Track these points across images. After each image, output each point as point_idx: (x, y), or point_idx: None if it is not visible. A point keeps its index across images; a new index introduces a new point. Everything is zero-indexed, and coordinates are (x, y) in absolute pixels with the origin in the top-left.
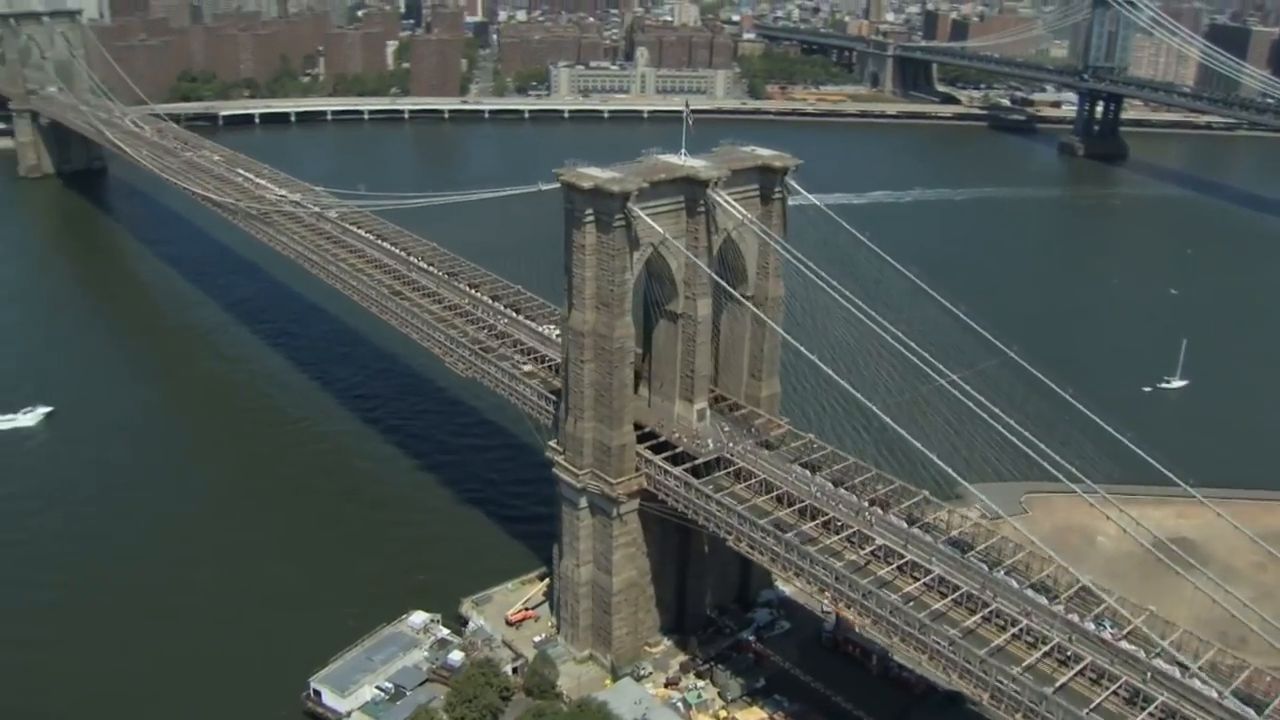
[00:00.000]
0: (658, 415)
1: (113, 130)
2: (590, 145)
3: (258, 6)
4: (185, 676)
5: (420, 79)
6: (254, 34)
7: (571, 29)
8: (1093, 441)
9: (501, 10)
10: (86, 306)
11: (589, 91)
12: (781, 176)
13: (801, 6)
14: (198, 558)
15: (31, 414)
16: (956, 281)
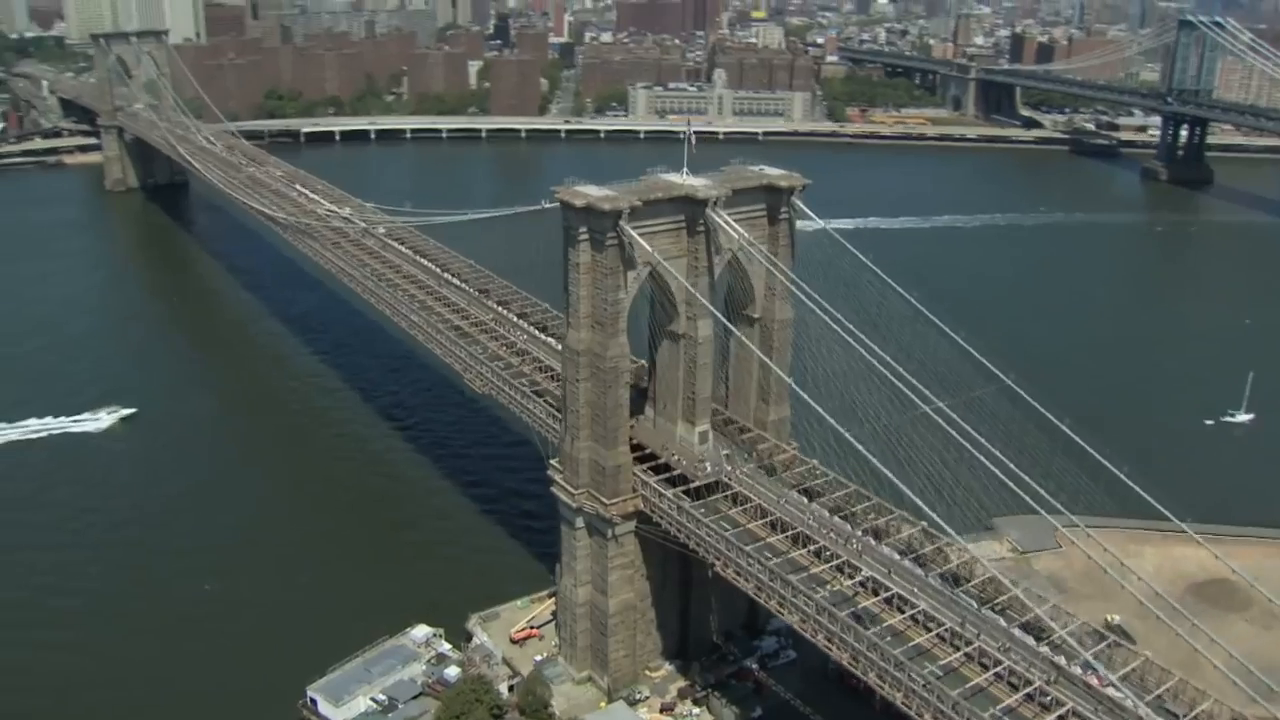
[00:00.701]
0: (662, 437)
1: (185, 146)
2: (653, 163)
3: (349, 27)
4: (190, 678)
5: (500, 98)
6: (339, 53)
7: (653, 50)
8: (1133, 475)
9: (588, 32)
10: (162, 314)
11: (666, 112)
12: (788, 197)
13: (890, 29)
14: (222, 563)
15: (113, 415)
16: (1008, 307)
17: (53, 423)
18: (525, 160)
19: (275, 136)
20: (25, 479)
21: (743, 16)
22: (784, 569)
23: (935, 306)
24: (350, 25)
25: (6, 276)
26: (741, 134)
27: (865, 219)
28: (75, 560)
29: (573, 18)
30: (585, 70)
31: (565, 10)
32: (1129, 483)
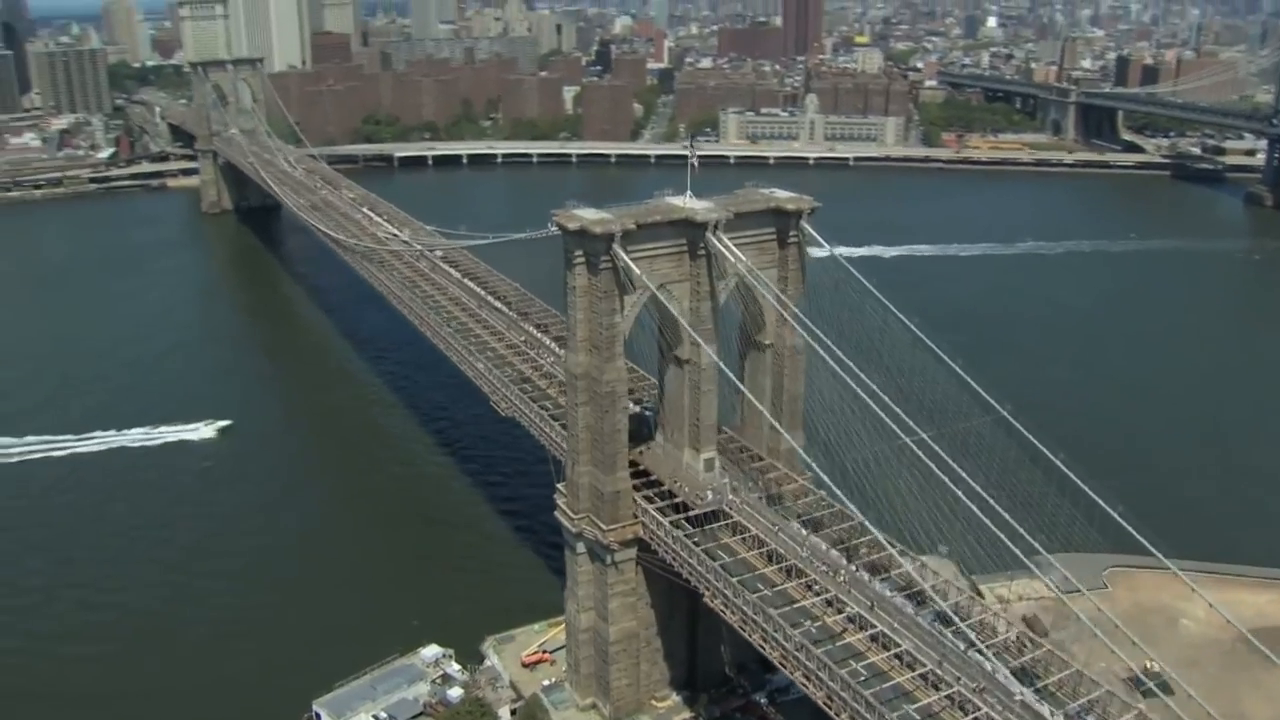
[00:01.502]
0: (670, 464)
1: (267, 170)
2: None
3: (450, 54)
4: (203, 688)
5: (592, 124)
6: (436, 79)
7: (748, 76)
8: (1198, 514)
9: (689, 58)
10: (251, 331)
11: (757, 138)
12: (796, 220)
13: (995, 54)
14: (263, 574)
15: (212, 426)
16: (1076, 335)
17: (163, 430)
18: (609, 185)
19: (369, 161)
20: (109, 488)
21: (846, 41)
22: (774, 602)
23: (991, 331)
24: (451, 52)
25: (108, 293)
26: (832, 159)
27: (946, 245)
28: (125, 562)
29: (675, 44)
30: (680, 95)
31: (666, 36)
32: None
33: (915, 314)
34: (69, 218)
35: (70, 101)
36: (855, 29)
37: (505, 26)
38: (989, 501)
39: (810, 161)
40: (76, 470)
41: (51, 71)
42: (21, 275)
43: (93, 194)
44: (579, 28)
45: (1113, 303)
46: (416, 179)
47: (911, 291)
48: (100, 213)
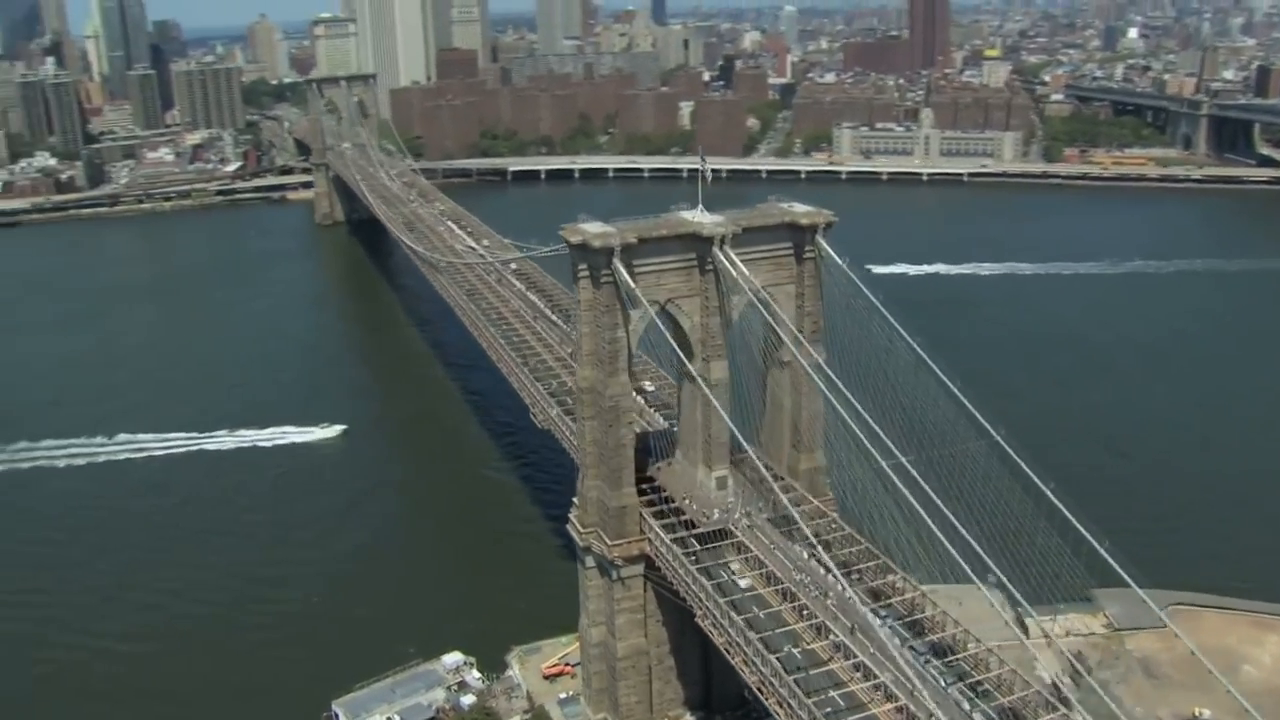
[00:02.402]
0: (684, 481)
1: (367, 183)
2: (847, 205)
3: (572, 69)
4: (234, 685)
5: (705, 138)
6: (553, 94)
7: (867, 90)
8: (1263, 551)
9: (812, 73)
10: (359, 339)
11: (871, 153)
12: (811, 235)
13: (1130, 65)
14: (326, 572)
15: (328, 429)
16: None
17: (288, 431)
18: (713, 199)
19: (483, 175)
20: (225, 483)
21: (976, 55)
22: (764, 625)
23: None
24: (574, 68)
25: (225, 300)
26: (945, 175)
27: (1048, 263)
28: (209, 554)
29: (801, 59)
30: (797, 110)
31: (790, 51)
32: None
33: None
34: (193, 228)
35: (206, 118)
36: (989, 42)
37: (630, 42)
38: (1039, 531)
39: (924, 177)
40: (200, 466)
41: (190, 90)
42: (148, 282)
43: (218, 205)
44: (707, 43)
45: (1218, 325)
46: (528, 193)
47: (1005, 310)
48: (222, 223)
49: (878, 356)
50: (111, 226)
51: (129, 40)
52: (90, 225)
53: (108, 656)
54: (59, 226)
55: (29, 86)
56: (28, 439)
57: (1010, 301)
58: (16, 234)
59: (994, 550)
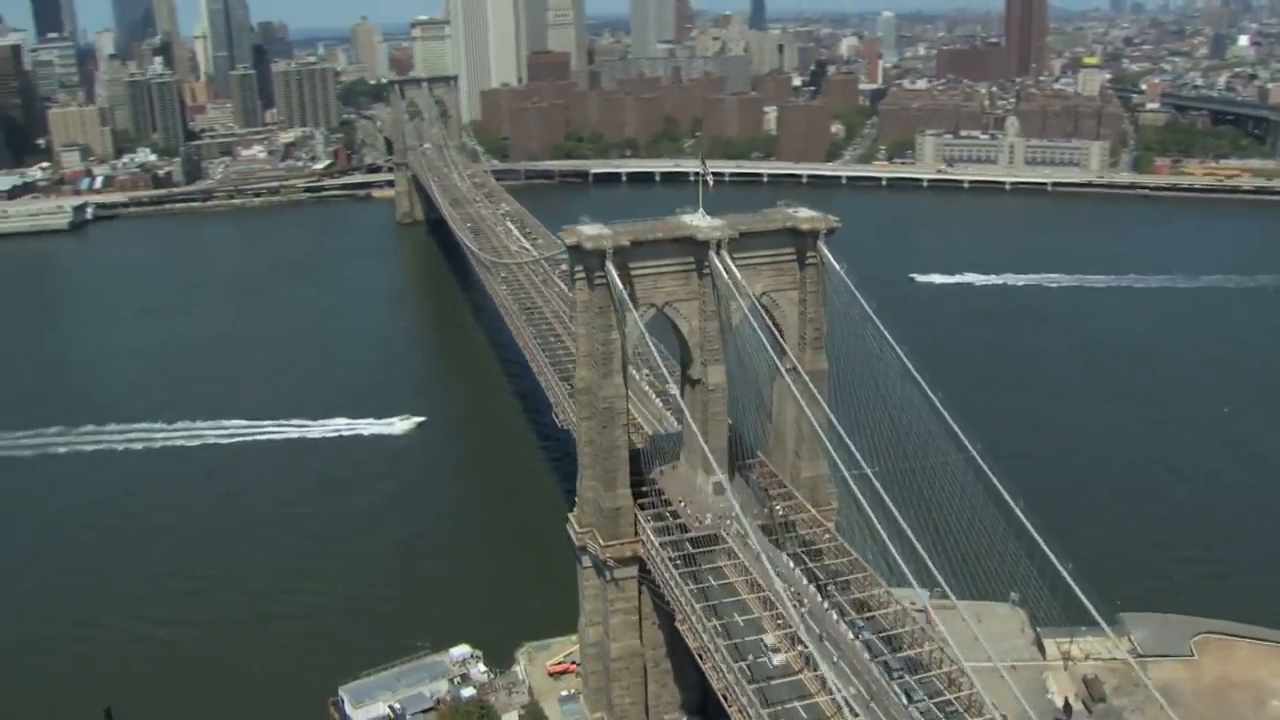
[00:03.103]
0: (685, 485)
1: (438, 184)
2: (925, 213)
3: (662, 73)
4: (252, 670)
5: (788, 143)
6: (638, 97)
7: (955, 97)
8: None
9: (905, 80)
10: (433, 336)
11: (954, 161)
12: (812, 240)
13: (1236, 74)
14: (359, 565)
15: (408, 421)
16: (1239, 377)
17: (369, 423)
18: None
19: (565, 176)
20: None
21: (1075, 63)
22: (742, 631)
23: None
24: (665, 71)
25: (299, 297)
26: (1028, 184)
27: (1122, 276)
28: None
29: (896, 65)
30: (883, 117)
31: (882, 57)
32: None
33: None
34: (280, 223)
35: (302, 116)
36: (1091, 50)
37: (723, 46)
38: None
39: (1006, 186)
40: (264, 455)
41: (287, 89)
42: (232, 275)
43: (305, 202)
44: (802, 48)
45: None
46: (608, 195)
47: (1073, 322)
48: (308, 219)
49: (871, 365)
50: (203, 220)
51: (233, 41)
52: (183, 219)
53: (142, 640)
54: (154, 220)
55: (135, 85)
56: (94, 423)
57: (1079, 314)
58: (114, 226)
59: (1012, 569)
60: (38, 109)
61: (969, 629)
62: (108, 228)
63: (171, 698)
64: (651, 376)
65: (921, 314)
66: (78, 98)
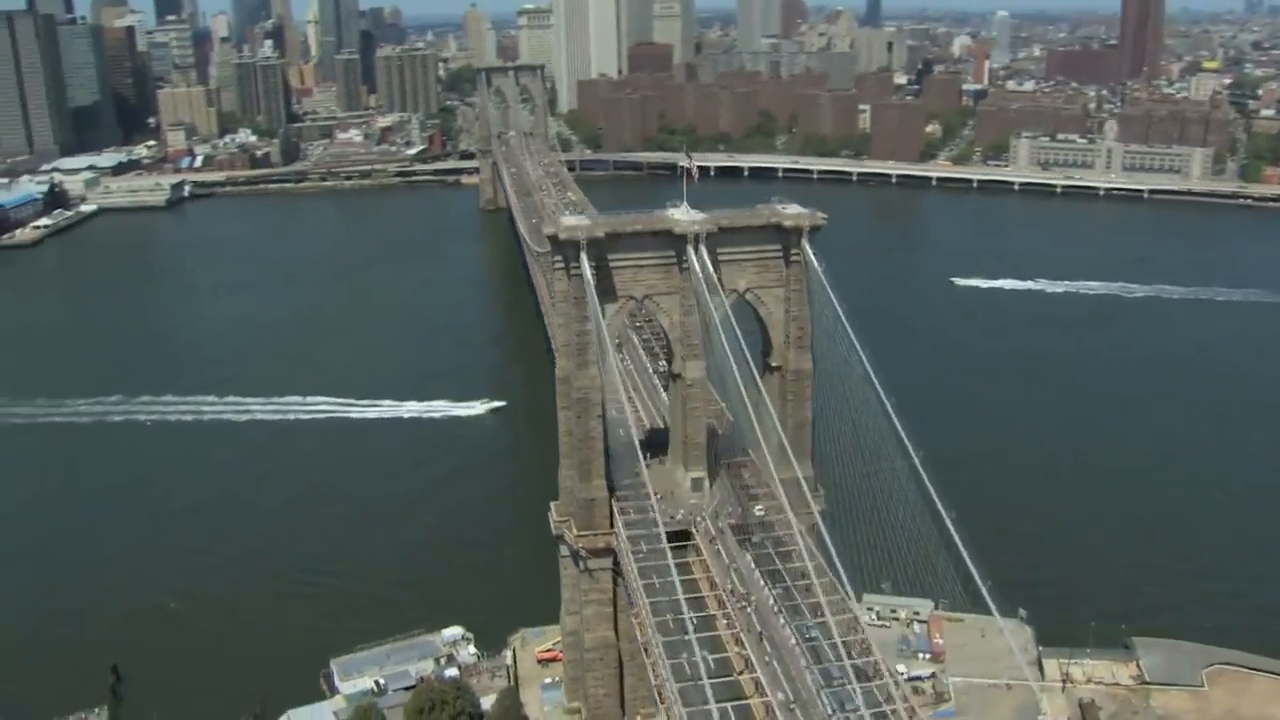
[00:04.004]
0: (668, 481)
1: (510, 172)
2: (1012, 217)
3: (763, 67)
4: (262, 641)
5: (880, 142)
6: (734, 92)
7: (1056, 99)
8: None
9: (1011, 81)
10: (508, 323)
11: (1049, 164)
12: (796, 238)
13: None
14: (370, 549)
15: (487, 405)
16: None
17: (447, 405)
18: (872, 205)
19: (653, 168)
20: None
21: (1193, 67)
22: (693, 629)
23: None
24: (764, 65)
25: (380, 278)
26: (1124, 190)
27: (1203, 288)
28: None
29: (1006, 66)
30: (981, 118)
31: (989, 57)
32: None
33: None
34: (369, 206)
35: (402, 101)
36: (1215, 53)
37: (829, 42)
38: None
39: (1100, 192)
40: (328, 433)
41: (389, 74)
42: (316, 255)
43: (395, 186)
44: (911, 46)
45: None
46: (695, 188)
47: (1145, 332)
48: (396, 204)
49: (839, 367)
50: (294, 201)
51: (341, 26)
52: (276, 199)
53: (160, 610)
54: (248, 199)
55: (243, 68)
56: (174, 393)
57: (1149, 324)
58: (210, 204)
59: (1020, 583)
60: (150, 89)
61: (971, 643)
62: (203, 205)
63: (179, 662)
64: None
65: (987, 318)
66: (189, 79)
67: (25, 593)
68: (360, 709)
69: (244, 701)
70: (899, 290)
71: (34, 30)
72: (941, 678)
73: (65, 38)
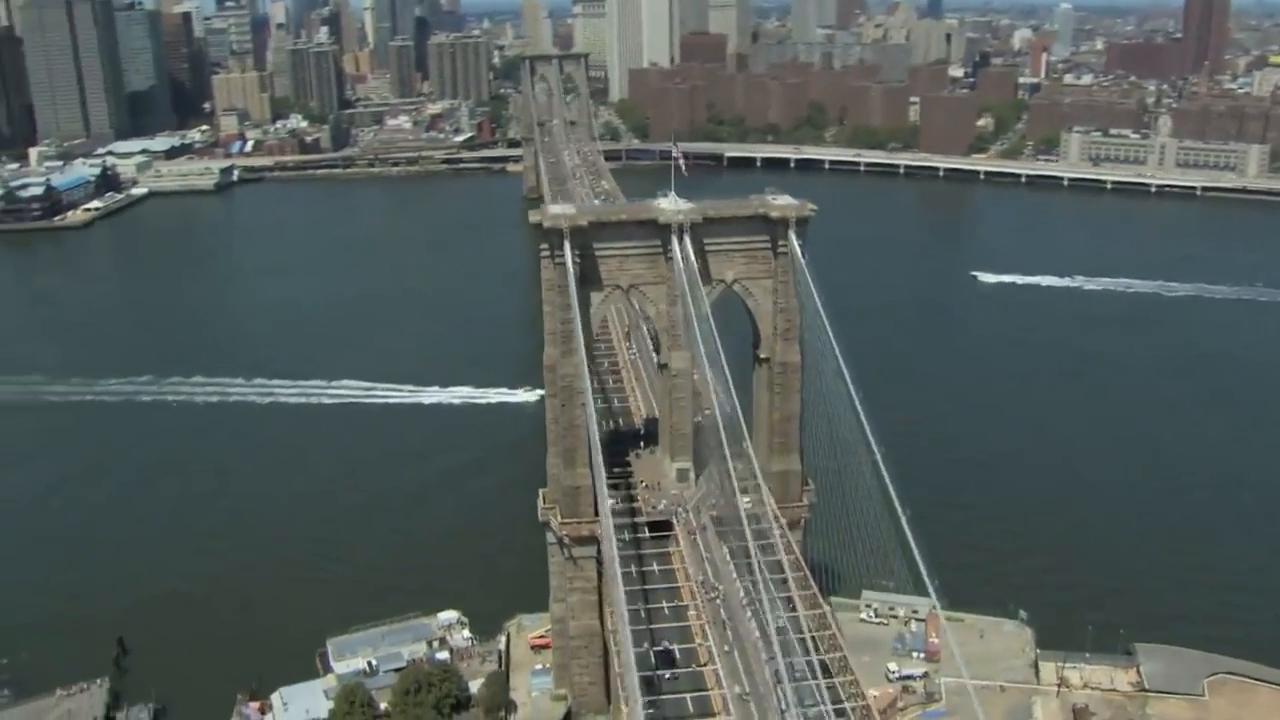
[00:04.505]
0: (653, 471)
1: (546, 160)
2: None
3: (815, 58)
4: (265, 622)
5: (929, 135)
6: (783, 82)
7: (1111, 94)
8: None
9: (1069, 75)
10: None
11: (1100, 160)
12: (784, 229)
13: None
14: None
15: (531, 393)
16: None
17: (494, 392)
18: (918, 199)
19: (699, 159)
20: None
21: (1260, 62)
22: (664, 619)
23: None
24: (817, 56)
25: (420, 265)
26: (1177, 188)
27: (1249, 287)
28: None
29: (1067, 59)
30: (1033, 112)
31: (1047, 50)
32: None
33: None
34: (414, 193)
35: (454, 89)
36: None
37: (885, 33)
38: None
39: (1151, 189)
40: (370, 419)
41: (440, 61)
42: (359, 240)
43: (441, 174)
44: (970, 38)
45: None
46: (740, 179)
47: (1182, 331)
48: (441, 191)
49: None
50: (341, 187)
51: (396, 13)
52: (323, 185)
53: (174, 594)
54: (295, 184)
55: (297, 54)
56: (203, 374)
57: (1188, 323)
58: (258, 189)
59: (1021, 584)
60: (206, 75)
61: (969, 643)
62: (251, 190)
63: (184, 640)
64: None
65: (1020, 316)
66: (245, 65)
67: (43, 572)
68: (347, 688)
69: (242, 679)
70: (935, 284)
71: (92, 16)
72: (934, 677)
73: (123, 23)
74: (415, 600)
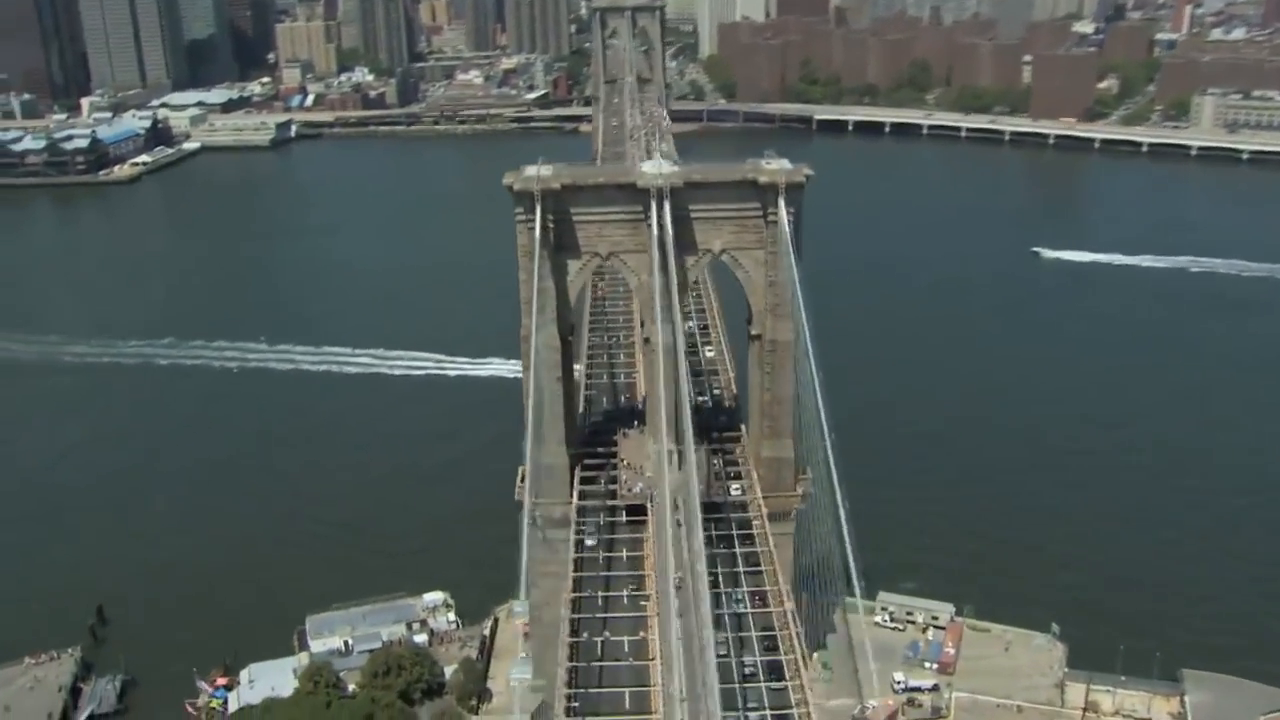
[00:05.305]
0: (636, 452)
1: (608, 121)
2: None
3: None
4: (255, 593)
5: (1042, 98)
6: (884, 39)
7: (1264, 49)
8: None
9: (1218, 29)
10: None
11: (1237, 126)
12: (774, 196)
13: None
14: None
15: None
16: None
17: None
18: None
19: (787, 121)
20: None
21: None
22: (619, 608)
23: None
24: (927, 10)
25: (476, 230)
26: None
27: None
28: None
29: (1219, 13)
30: (1165, 71)
31: (1191, 2)
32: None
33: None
34: (479, 153)
35: (532, 42)
36: None
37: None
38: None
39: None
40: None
41: (518, 13)
42: (413, 204)
43: (511, 133)
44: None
45: None
46: (829, 145)
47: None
48: (509, 150)
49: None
50: (403, 146)
51: None
52: (385, 142)
53: (169, 566)
54: (356, 141)
55: (365, 2)
56: (225, 339)
57: None
58: (316, 145)
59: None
60: (270, 23)
61: (992, 655)
62: (309, 147)
63: (167, 613)
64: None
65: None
66: (313, 12)
67: (35, 539)
68: (312, 667)
69: (219, 653)
70: (991, 261)
71: None
72: (945, 691)
73: None
74: (407, 580)
